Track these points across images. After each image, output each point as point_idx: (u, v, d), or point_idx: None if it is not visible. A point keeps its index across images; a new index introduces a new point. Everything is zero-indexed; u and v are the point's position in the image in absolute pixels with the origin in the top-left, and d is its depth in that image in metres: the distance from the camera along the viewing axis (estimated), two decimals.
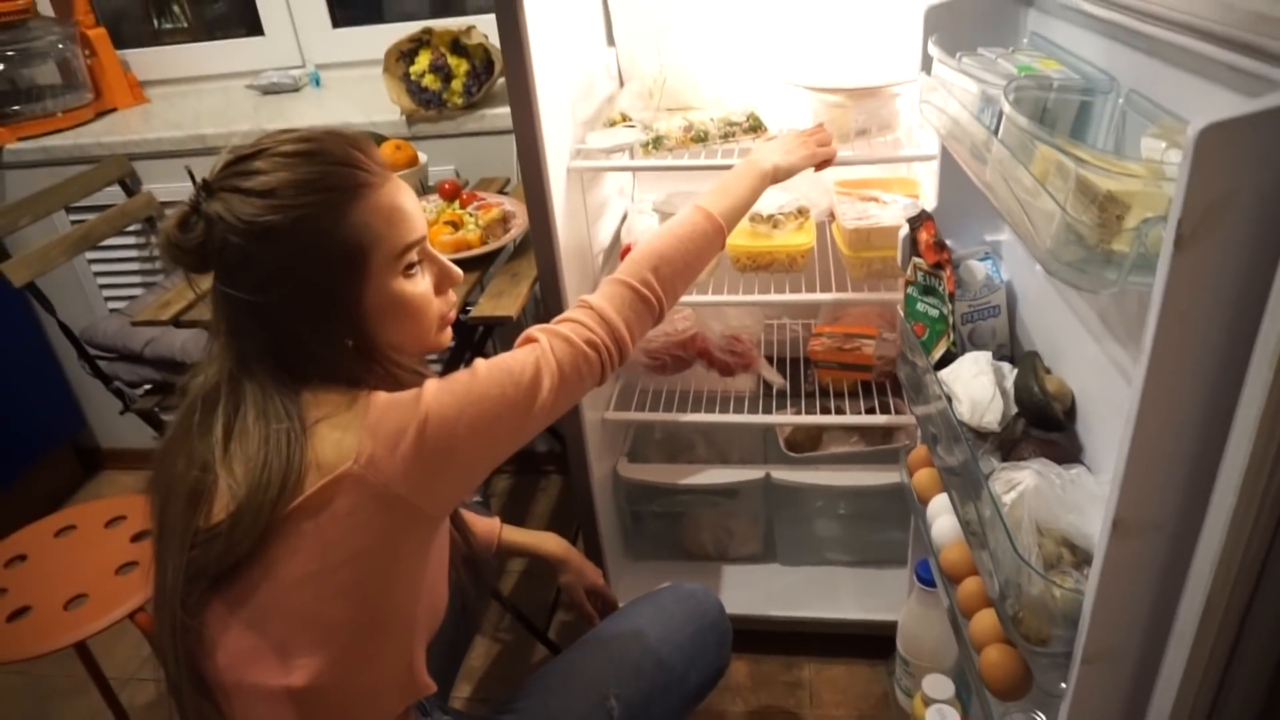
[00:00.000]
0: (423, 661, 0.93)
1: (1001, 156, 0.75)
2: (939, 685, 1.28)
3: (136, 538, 1.46)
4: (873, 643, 1.64)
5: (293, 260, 0.81)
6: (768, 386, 1.77)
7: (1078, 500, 0.80)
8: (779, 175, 1.15)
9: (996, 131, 0.78)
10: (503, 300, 1.43)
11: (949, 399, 0.99)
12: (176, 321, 1.47)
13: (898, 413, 1.59)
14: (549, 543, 1.33)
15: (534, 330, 0.93)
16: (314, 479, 0.79)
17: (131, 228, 2.08)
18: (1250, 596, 0.65)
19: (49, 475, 2.39)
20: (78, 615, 1.33)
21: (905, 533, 1.59)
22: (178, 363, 1.78)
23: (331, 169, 0.82)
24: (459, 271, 0.94)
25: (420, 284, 0.89)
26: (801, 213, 1.54)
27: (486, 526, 1.30)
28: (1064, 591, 0.76)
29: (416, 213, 0.88)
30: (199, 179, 0.83)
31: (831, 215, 1.59)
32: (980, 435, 0.96)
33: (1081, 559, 0.81)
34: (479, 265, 1.54)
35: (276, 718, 0.83)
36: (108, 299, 2.25)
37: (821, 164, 1.22)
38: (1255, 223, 0.57)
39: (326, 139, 0.83)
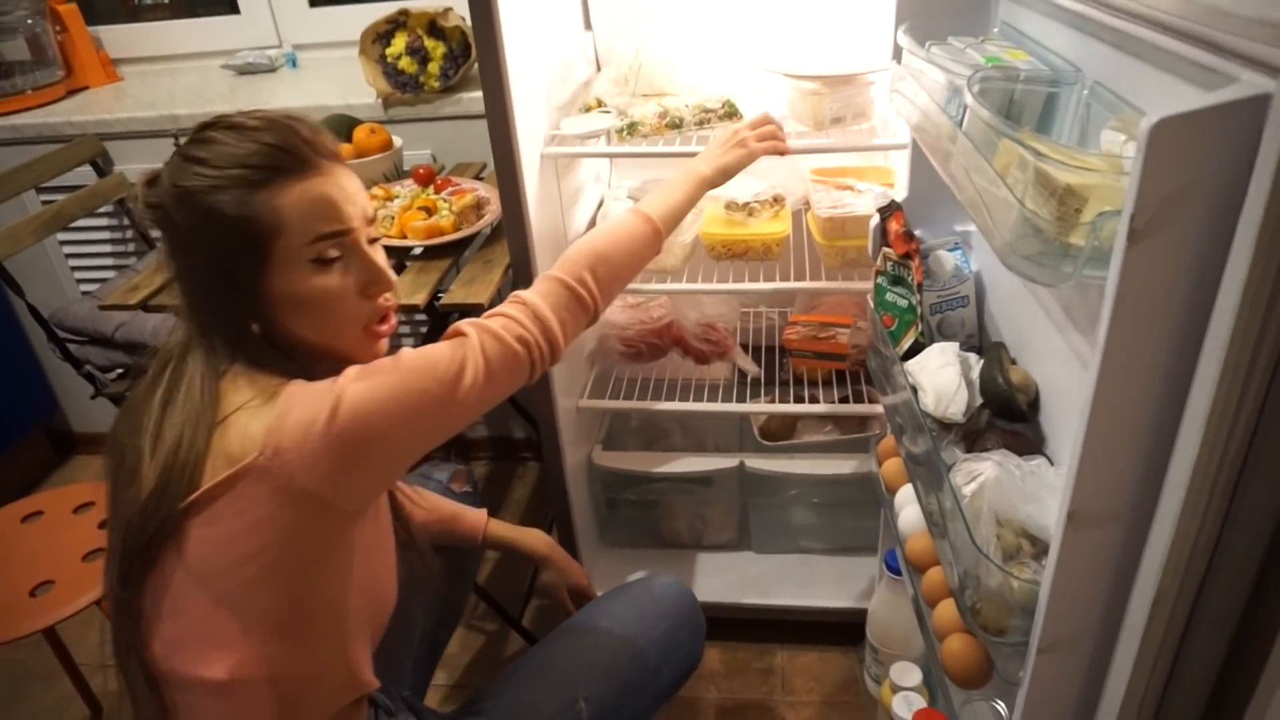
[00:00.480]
0: (364, 657, 0.92)
1: (965, 148, 0.75)
2: (906, 673, 1.29)
3: (104, 524, 1.45)
4: (845, 629, 1.65)
5: (197, 229, 0.81)
6: (743, 375, 1.77)
7: (1037, 491, 0.80)
8: (717, 179, 1.13)
9: (962, 123, 0.78)
10: (474, 287, 1.42)
11: (914, 389, 0.99)
12: (145, 306, 1.45)
13: (871, 401, 1.60)
14: (534, 540, 1.31)
15: (463, 324, 0.90)
16: (221, 468, 0.78)
17: (103, 209, 2.05)
18: (1199, 588, 0.66)
19: (21, 459, 2.37)
20: (44, 602, 1.32)
21: (878, 521, 1.60)
22: (149, 346, 1.75)
23: (263, 148, 0.81)
24: (391, 276, 0.90)
25: (332, 280, 0.85)
26: (777, 201, 1.54)
27: (473, 519, 1.28)
28: (1021, 583, 0.77)
29: (347, 206, 0.85)
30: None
31: (807, 204, 1.59)
32: (945, 426, 0.97)
33: (1041, 550, 0.81)
34: (452, 251, 1.53)
35: (205, 708, 0.83)
36: (79, 281, 2.22)
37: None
38: (1208, 217, 0.57)
39: (275, 121, 0.83)
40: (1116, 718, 0.74)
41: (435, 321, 1.70)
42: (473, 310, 1.41)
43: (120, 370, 1.86)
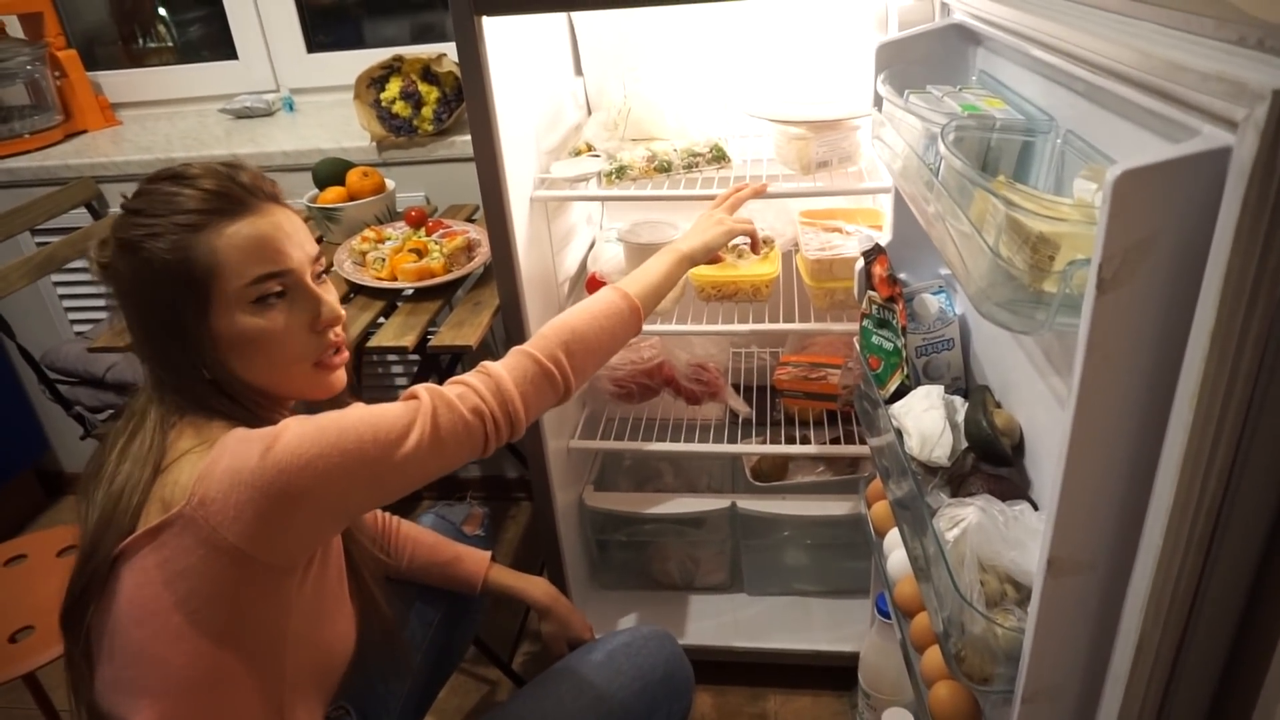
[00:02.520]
0: (307, 713, 0.91)
1: (941, 196, 0.75)
2: (898, 718, 1.27)
3: None
4: (838, 673, 1.64)
5: (138, 279, 0.82)
6: (734, 416, 1.77)
7: (1020, 537, 0.80)
8: (698, 255, 1.15)
9: (939, 171, 0.79)
10: (463, 330, 1.43)
11: (899, 433, 0.99)
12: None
13: (863, 442, 1.60)
14: (536, 589, 1.28)
15: (419, 388, 0.88)
16: (154, 515, 0.78)
17: None
18: (1182, 635, 0.66)
19: (11, 500, 2.36)
20: (24, 647, 1.30)
21: (869, 562, 1.59)
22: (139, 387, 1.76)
23: (199, 193, 0.82)
24: (339, 310, 0.90)
25: (276, 318, 0.85)
26: (766, 243, 1.55)
27: (474, 564, 1.25)
28: (1005, 630, 0.76)
29: (286, 244, 0.85)
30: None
31: (796, 245, 1.60)
32: (930, 469, 0.97)
33: (1025, 596, 0.80)
34: (443, 293, 1.54)
35: None
36: (73, 322, 2.23)
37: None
38: (1175, 266, 0.57)
39: (213, 168, 0.85)
40: None
41: (425, 363, 1.70)
42: (461, 352, 1.42)
43: (110, 411, 1.86)
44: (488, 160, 1.29)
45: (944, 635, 0.82)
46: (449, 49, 1.93)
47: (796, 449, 1.64)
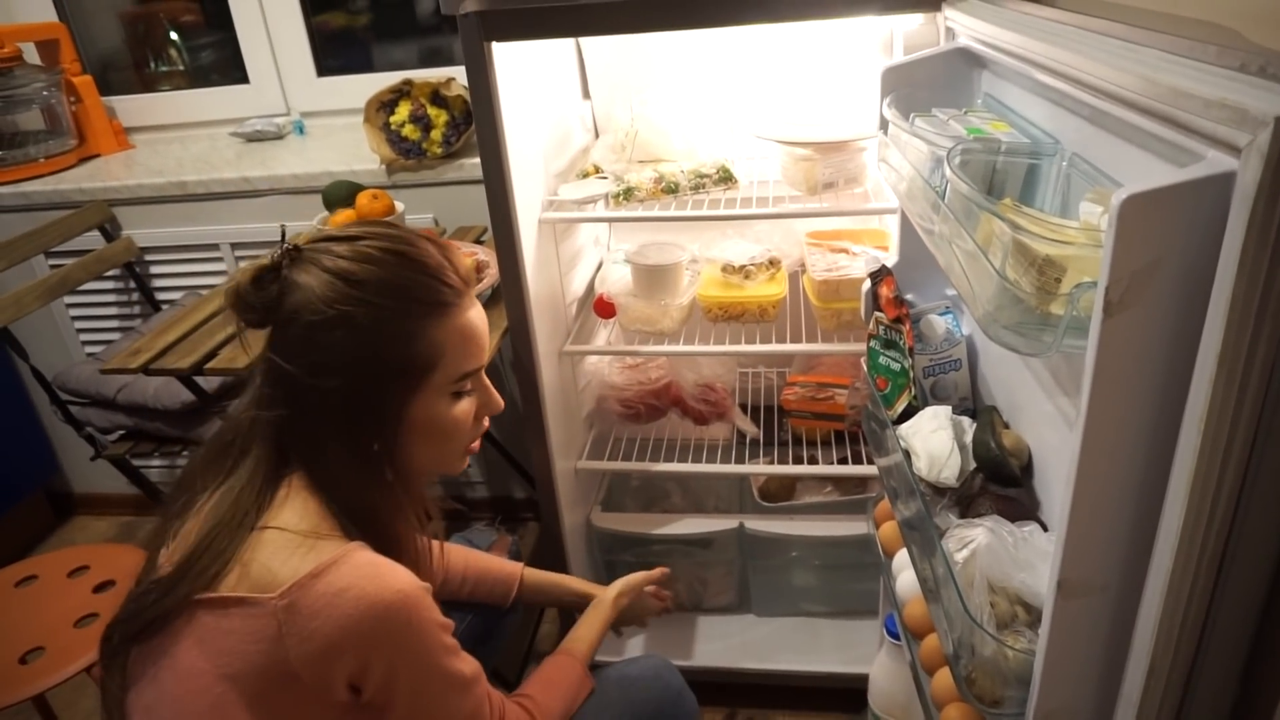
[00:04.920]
0: None
1: (947, 219, 0.76)
2: None
3: (99, 588, 1.44)
4: (848, 696, 1.62)
5: (354, 356, 0.82)
6: (741, 436, 1.77)
7: (1029, 558, 0.80)
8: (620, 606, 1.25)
9: (944, 194, 0.80)
10: None
11: (907, 454, 0.99)
12: (146, 370, 1.46)
13: (870, 462, 1.59)
14: (575, 579, 1.35)
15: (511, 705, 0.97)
16: (233, 582, 0.79)
17: (110, 273, 2.09)
18: (1193, 657, 0.65)
19: (21, 521, 2.37)
20: (34, 669, 1.31)
21: (877, 583, 1.58)
22: (150, 409, 1.77)
23: (423, 279, 0.84)
24: (501, 402, 0.95)
25: (464, 410, 0.89)
26: (773, 264, 1.56)
27: (509, 566, 1.29)
28: (1015, 652, 0.76)
29: (485, 340, 0.90)
30: (289, 241, 0.84)
31: (803, 266, 1.61)
32: (938, 490, 0.97)
33: (1035, 618, 0.80)
34: None
35: None
36: (85, 344, 2.25)
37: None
38: (1181, 289, 0.58)
39: (422, 244, 0.86)
40: None
41: None
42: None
43: (121, 432, 1.87)
44: (496, 183, 1.31)
45: (954, 657, 0.82)
46: (458, 73, 1.95)
47: (804, 469, 1.64)
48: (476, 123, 1.27)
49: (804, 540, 1.64)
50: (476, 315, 0.89)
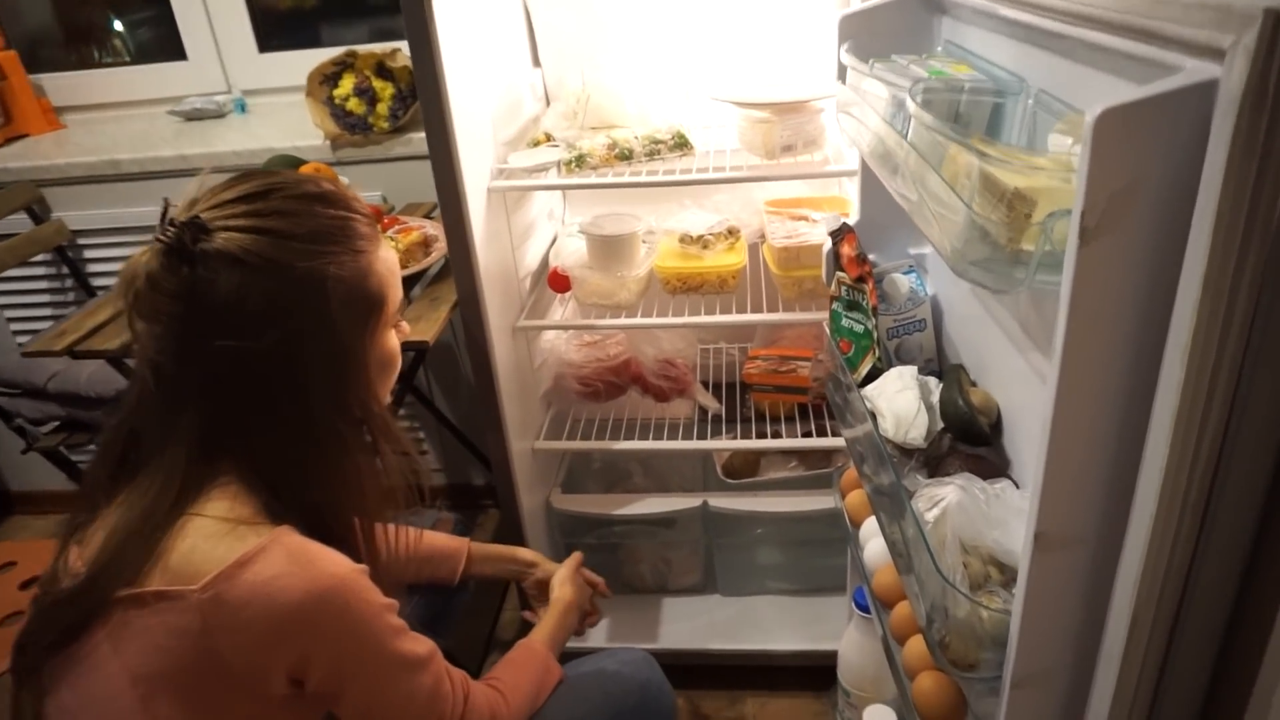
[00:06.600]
0: None
1: (912, 159, 0.72)
2: (880, 716, 1.23)
3: (25, 585, 1.36)
4: (817, 674, 1.59)
5: (311, 313, 0.78)
6: (704, 412, 1.73)
7: (1002, 515, 0.76)
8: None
9: (907, 135, 0.76)
10: (420, 325, 1.38)
11: (872, 416, 0.95)
12: (71, 352, 1.38)
13: (836, 435, 1.56)
14: (522, 550, 1.31)
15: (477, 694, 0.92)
16: (156, 579, 0.74)
17: (41, 258, 1.98)
18: (1177, 610, 0.62)
19: None
20: None
21: (847, 559, 1.55)
22: (84, 397, 1.68)
23: (348, 217, 0.82)
24: (407, 325, 0.95)
25: (397, 338, 0.90)
26: (732, 233, 1.52)
27: (454, 544, 1.25)
28: (991, 613, 0.72)
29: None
30: (180, 214, 0.78)
31: (763, 237, 1.57)
32: (906, 452, 0.93)
33: (1010, 578, 0.77)
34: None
35: None
36: (16, 333, 2.14)
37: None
38: (1161, 212, 0.54)
39: (325, 183, 0.84)
40: None
41: None
42: (417, 348, 1.37)
43: (55, 424, 1.78)
44: (441, 148, 1.25)
45: (927, 621, 0.78)
46: (405, 46, 1.88)
47: (768, 443, 1.60)
48: (418, 82, 1.21)
49: (769, 516, 1.60)
50: (388, 245, 0.88)
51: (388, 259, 0.86)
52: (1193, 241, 0.52)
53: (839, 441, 1.53)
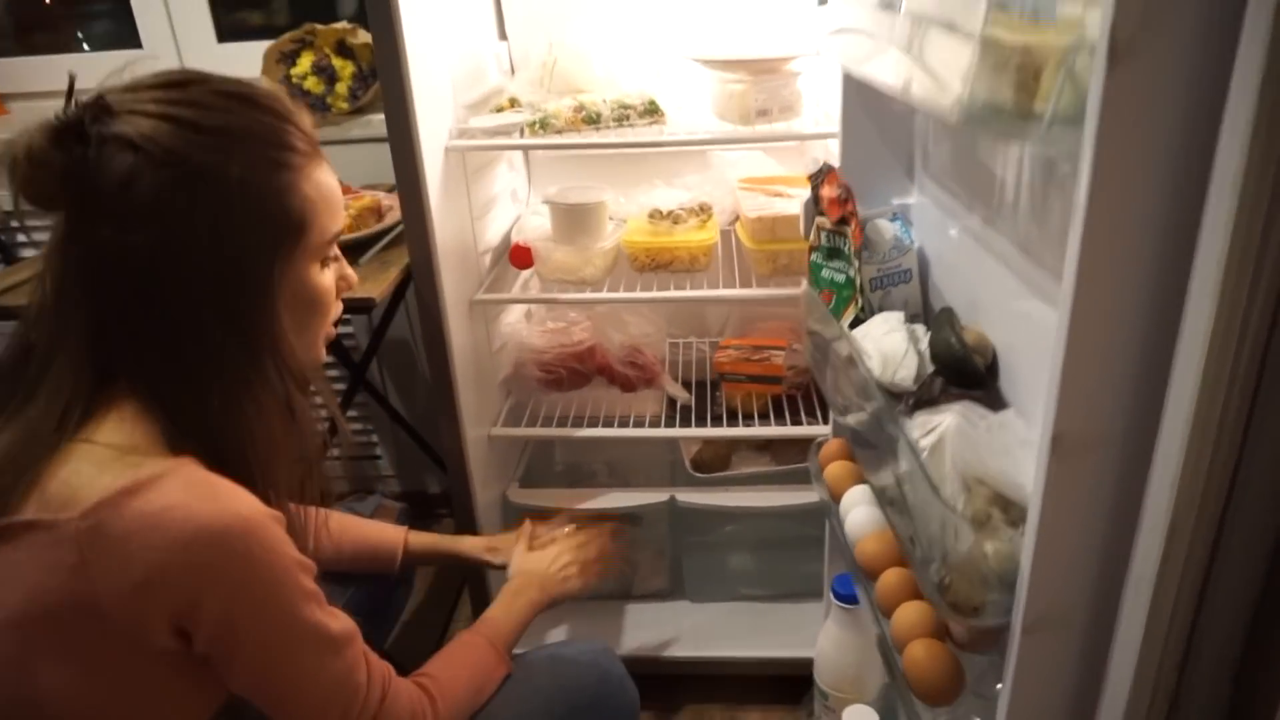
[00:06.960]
0: None
1: (906, 27, 0.65)
2: (861, 716, 1.12)
3: None
4: (790, 684, 1.47)
5: (214, 220, 0.68)
6: (673, 407, 1.63)
7: (1007, 443, 0.67)
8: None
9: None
10: (367, 285, 1.28)
11: (859, 355, 0.86)
12: None
13: (810, 423, 1.47)
14: (464, 540, 1.26)
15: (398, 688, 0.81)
16: (30, 508, 0.64)
17: None
18: (1220, 522, 0.53)
19: None
20: None
21: (822, 565, 1.44)
22: None
23: (281, 125, 0.72)
24: (355, 275, 0.87)
25: (329, 279, 0.80)
26: (704, 209, 1.44)
27: (391, 531, 1.18)
28: (997, 546, 0.63)
29: (342, 198, 0.80)
30: (84, 92, 0.69)
31: (736, 216, 1.50)
32: (894, 396, 0.84)
33: (1016, 516, 0.68)
34: (350, 254, 1.38)
35: None
36: None
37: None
38: (1205, 27, 0.46)
39: (265, 88, 0.75)
40: (1124, 713, 0.60)
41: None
42: (363, 305, 1.28)
43: None
44: (395, 96, 1.16)
45: (923, 563, 0.68)
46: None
47: (740, 431, 1.50)
48: (371, 24, 1.13)
49: (740, 512, 1.50)
50: (331, 172, 0.78)
51: (323, 183, 0.76)
52: (1240, 64, 0.44)
53: (814, 430, 1.44)
